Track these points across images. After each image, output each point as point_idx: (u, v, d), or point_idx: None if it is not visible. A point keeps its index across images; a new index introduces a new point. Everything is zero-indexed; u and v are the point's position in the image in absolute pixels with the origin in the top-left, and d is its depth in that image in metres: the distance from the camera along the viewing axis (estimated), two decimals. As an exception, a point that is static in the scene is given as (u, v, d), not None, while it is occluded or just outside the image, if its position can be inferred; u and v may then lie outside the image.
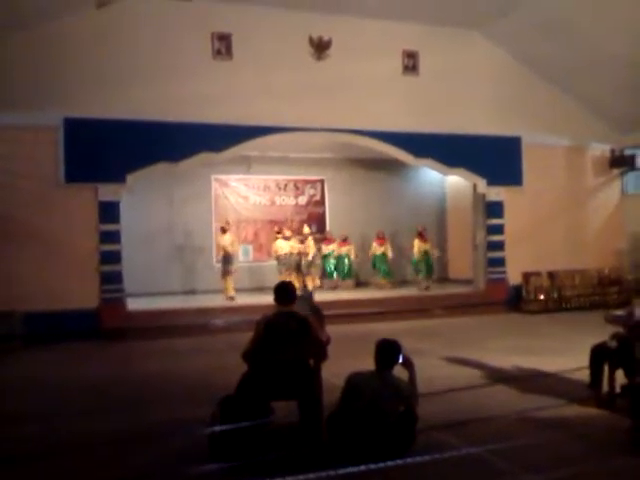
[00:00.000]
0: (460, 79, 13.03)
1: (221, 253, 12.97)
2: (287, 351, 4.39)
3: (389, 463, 3.62)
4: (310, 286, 13.61)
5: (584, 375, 5.79)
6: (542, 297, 13.09)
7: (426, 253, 14.19)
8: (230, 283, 12.74)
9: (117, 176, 10.73)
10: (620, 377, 5.47)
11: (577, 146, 14.27)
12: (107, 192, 10.72)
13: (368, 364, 4.53)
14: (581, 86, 13.45)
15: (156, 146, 10.95)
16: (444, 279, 15.93)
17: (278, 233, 13.96)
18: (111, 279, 10.73)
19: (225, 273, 12.77)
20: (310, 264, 13.99)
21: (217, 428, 4.02)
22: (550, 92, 13.71)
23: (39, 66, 10.34)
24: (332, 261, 14.75)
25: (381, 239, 14.59)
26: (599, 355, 5.65)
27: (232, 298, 12.50)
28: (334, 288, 14.47)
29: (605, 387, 5.57)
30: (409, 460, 3.85)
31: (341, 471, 3.49)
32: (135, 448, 4.68)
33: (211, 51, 11.49)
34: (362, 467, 3.53)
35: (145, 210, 13.53)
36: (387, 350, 4.50)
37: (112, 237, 10.77)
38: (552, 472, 3.98)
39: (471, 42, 13.11)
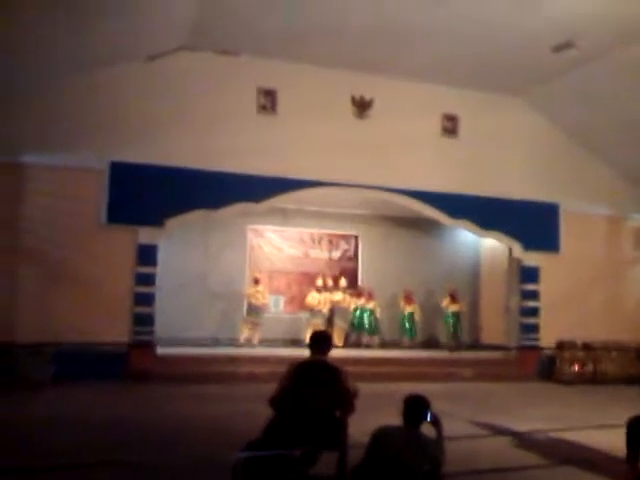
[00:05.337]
0: (499, 143, 13.13)
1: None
2: (315, 399, 4.35)
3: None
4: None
5: (620, 450, 5.57)
6: (577, 368, 12.71)
7: (455, 315, 14.10)
8: (255, 332, 12.98)
9: (157, 220, 10.98)
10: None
11: (617, 216, 14.13)
12: (146, 235, 10.97)
13: (394, 422, 4.44)
14: (621, 156, 13.42)
15: (196, 193, 11.21)
16: (476, 344, 15.64)
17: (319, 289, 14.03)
18: (143, 321, 10.84)
19: (248, 322, 13.11)
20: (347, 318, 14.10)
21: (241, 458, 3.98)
22: (590, 160, 13.69)
23: (90, 111, 10.74)
24: (357, 315, 14.56)
25: (409, 299, 14.50)
26: (636, 429, 5.43)
27: (249, 341, 12.83)
28: (358, 344, 14.27)
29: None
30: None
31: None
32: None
33: (256, 105, 11.85)
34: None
35: (181, 255, 13.72)
36: (415, 406, 4.41)
37: (148, 280, 10.95)
38: None
39: (511, 108, 13.25)
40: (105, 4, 8.44)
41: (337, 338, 13.69)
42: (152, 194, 10.95)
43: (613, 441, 6.02)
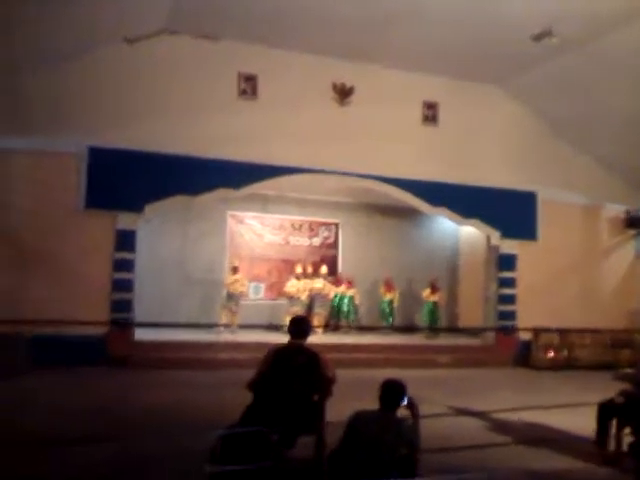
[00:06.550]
0: (478, 132, 13.24)
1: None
2: (293, 384, 4.39)
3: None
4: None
5: (591, 432, 5.70)
6: (552, 354, 12.94)
7: (434, 304, 14.29)
8: (233, 319, 13.08)
9: (136, 206, 10.91)
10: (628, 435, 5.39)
11: (593, 205, 14.33)
12: (125, 221, 10.89)
13: (371, 408, 4.49)
14: (598, 145, 13.59)
15: (176, 179, 11.15)
16: (454, 330, 15.81)
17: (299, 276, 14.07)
18: (121, 307, 10.79)
19: (226, 309, 13.22)
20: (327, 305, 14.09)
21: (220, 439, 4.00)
22: (567, 149, 13.86)
23: (69, 95, 10.63)
24: (337, 302, 14.58)
25: (389, 286, 14.63)
26: (606, 412, 5.57)
27: (228, 327, 12.85)
28: (337, 330, 14.31)
29: (612, 445, 5.48)
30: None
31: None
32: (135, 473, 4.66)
33: (237, 90, 11.79)
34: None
35: (159, 241, 13.63)
36: (392, 390, 4.46)
37: (126, 265, 10.90)
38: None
39: (490, 96, 13.35)
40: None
41: (317, 325, 13.75)
42: (131, 179, 10.85)
43: (583, 424, 6.15)
